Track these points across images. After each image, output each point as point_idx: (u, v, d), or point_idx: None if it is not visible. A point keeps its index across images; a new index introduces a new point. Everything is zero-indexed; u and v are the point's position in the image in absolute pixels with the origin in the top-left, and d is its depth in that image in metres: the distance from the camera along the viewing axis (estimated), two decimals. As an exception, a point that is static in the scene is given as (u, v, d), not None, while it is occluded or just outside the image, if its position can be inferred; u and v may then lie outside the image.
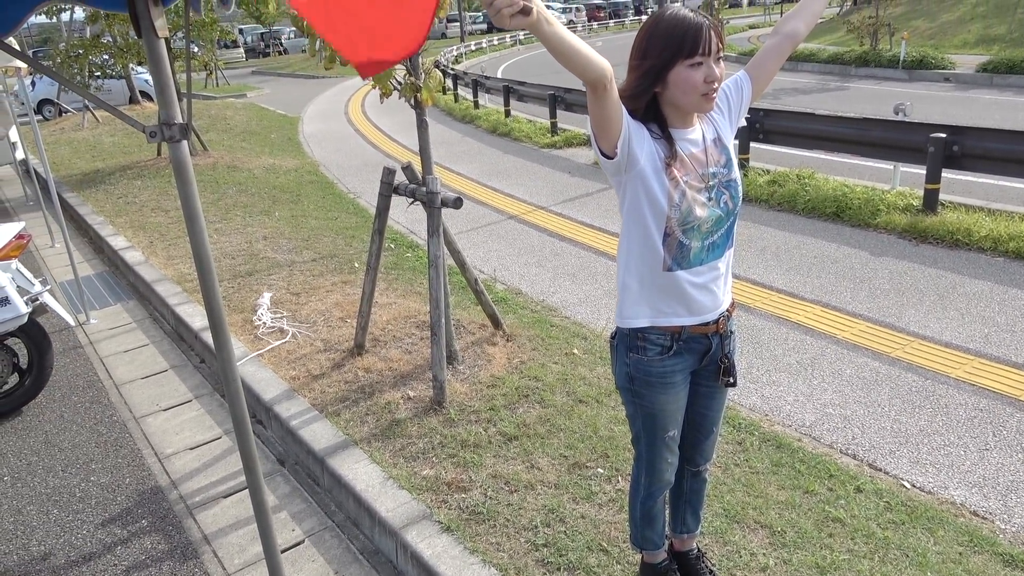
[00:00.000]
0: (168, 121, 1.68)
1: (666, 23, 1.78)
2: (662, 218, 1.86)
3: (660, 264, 1.92)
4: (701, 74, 1.76)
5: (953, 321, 4.61)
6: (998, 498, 3.01)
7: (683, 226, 1.87)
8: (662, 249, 1.90)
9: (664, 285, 1.95)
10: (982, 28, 20.87)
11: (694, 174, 1.88)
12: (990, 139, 6.35)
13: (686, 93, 1.78)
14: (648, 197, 1.85)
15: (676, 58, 1.75)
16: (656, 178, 1.83)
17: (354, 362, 4.15)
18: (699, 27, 1.74)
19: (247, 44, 42.58)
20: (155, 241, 6.88)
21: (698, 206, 1.86)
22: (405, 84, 3.68)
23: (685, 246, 1.90)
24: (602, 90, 1.64)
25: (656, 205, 1.85)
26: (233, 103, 19.10)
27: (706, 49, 1.74)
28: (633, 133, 1.79)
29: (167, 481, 3.48)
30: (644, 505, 2.26)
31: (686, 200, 1.85)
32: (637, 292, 1.98)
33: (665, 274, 1.93)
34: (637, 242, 1.93)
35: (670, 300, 1.97)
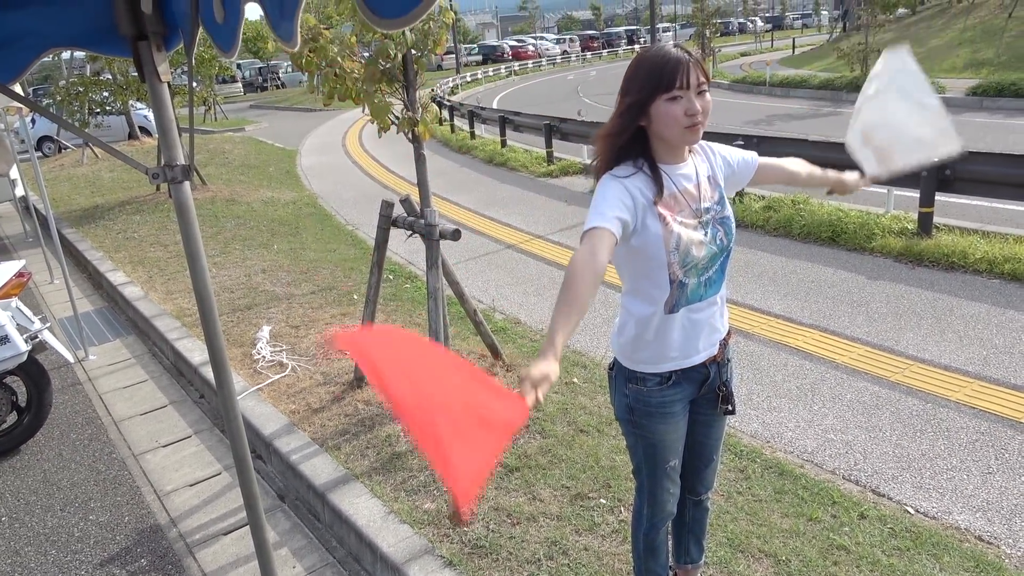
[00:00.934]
0: (171, 163, 1.71)
1: (647, 61, 1.82)
2: (663, 266, 1.86)
3: (663, 307, 1.92)
4: (681, 107, 1.78)
5: (951, 344, 4.62)
6: (1003, 522, 3.00)
7: (683, 267, 1.88)
8: (667, 292, 1.90)
9: (669, 327, 1.94)
10: (970, 52, 21.18)
11: (687, 210, 1.89)
12: (981, 162, 6.42)
13: (668, 126, 1.81)
14: (645, 248, 1.85)
15: (655, 93, 1.78)
16: (651, 224, 1.83)
17: (354, 395, 4.14)
18: (676, 62, 1.77)
19: (245, 79, 43.10)
20: (154, 276, 6.90)
21: (695, 246, 1.87)
22: (402, 118, 3.73)
23: (684, 285, 1.91)
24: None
25: (657, 253, 1.85)
26: (231, 137, 19.28)
27: (683, 83, 1.76)
28: (629, 215, 1.79)
29: (166, 519, 3.46)
30: (647, 536, 2.25)
31: (683, 242, 1.85)
32: (633, 336, 1.98)
33: (667, 318, 1.94)
34: (639, 290, 1.94)
35: (673, 340, 1.96)
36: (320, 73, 3.67)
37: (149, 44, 1.62)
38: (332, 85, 3.66)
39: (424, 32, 3.58)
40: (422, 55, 3.64)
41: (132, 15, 1.60)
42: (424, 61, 3.66)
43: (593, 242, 1.70)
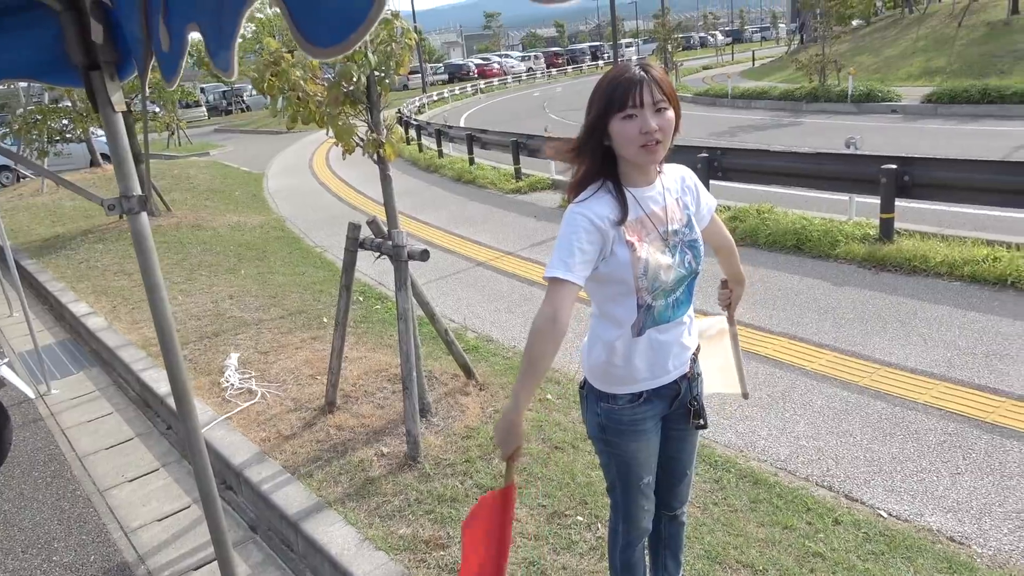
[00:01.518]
0: (127, 193, 1.67)
1: (605, 80, 1.83)
2: (632, 291, 1.87)
3: (631, 332, 1.93)
4: (635, 126, 1.78)
5: (917, 347, 4.70)
6: (973, 522, 3.04)
7: (652, 291, 1.88)
8: (635, 316, 1.90)
9: (637, 350, 1.95)
10: (924, 61, 21.78)
11: (654, 233, 1.89)
12: (938, 168, 6.58)
13: (624, 145, 1.82)
14: (615, 273, 1.86)
15: (611, 112, 1.79)
16: (619, 251, 1.84)
17: (325, 420, 4.09)
18: (631, 80, 1.78)
19: (209, 103, 42.72)
20: (118, 306, 6.76)
21: (663, 270, 1.88)
22: (367, 140, 3.71)
23: (652, 307, 1.91)
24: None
25: (625, 278, 1.86)
26: (196, 162, 19.07)
27: (637, 101, 1.77)
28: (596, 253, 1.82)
29: (134, 556, 3.37)
30: (623, 555, 2.24)
31: (651, 266, 1.86)
32: (603, 360, 1.98)
33: (635, 340, 1.94)
34: (610, 316, 1.94)
35: (644, 362, 1.96)
36: (283, 97, 3.65)
37: (101, 74, 1.59)
38: (295, 108, 3.63)
39: (387, 54, 3.58)
40: (385, 76, 3.63)
41: (83, 45, 1.57)
42: (387, 83, 3.66)
43: (556, 301, 1.78)
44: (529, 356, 1.79)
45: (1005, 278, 5.55)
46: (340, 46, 1.09)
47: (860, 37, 28.10)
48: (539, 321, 1.78)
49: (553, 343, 1.78)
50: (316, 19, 1.10)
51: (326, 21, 1.08)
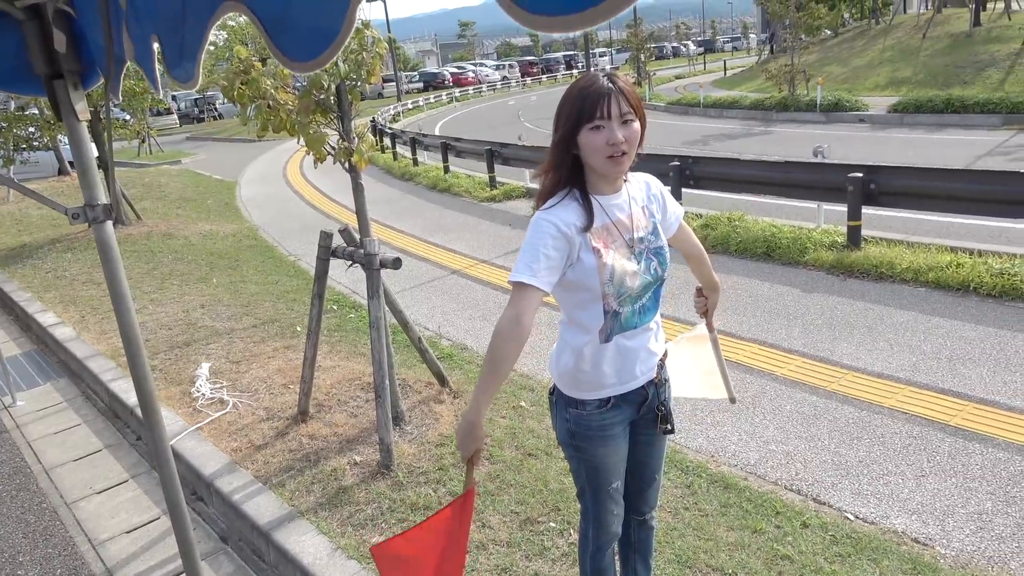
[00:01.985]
0: (91, 202, 1.66)
1: (573, 92, 1.85)
2: (598, 297, 1.90)
3: (598, 338, 1.95)
4: (602, 137, 1.82)
5: (883, 352, 4.79)
6: (936, 523, 3.10)
7: (618, 297, 1.91)
8: (601, 322, 1.93)
9: (605, 356, 1.97)
10: (891, 71, 22.24)
11: (620, 240, 1.92)
12: (903, 176, 6.73)
13: (591, 155, 1.85)
14: (581, 279, 1.89)
15: (580, 123, 1.82)
16: (585, 258, 1.87)
17: (298, 429, 4.06)
18: (599, 92, 1.81)
19: (181, 110, 42.29)
20: (87, 315, 6.66)
21: (628, 276, 1.91)
22: (339, 149, 3.71)
23: (619, 314, 1.94)
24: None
25: (591, 284, 1.88)
26: (167, 170, 18.86)
27: (605, 113, 1.80)
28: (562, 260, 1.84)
29: (102, 569, 3.31)
30: (594, 559, 2.26)
31: (616, 273, 1.89)
32: (572, 365, 2.00)
33: (603, 347, 1.96)
34: (577, 324, 1.97)
35: (612, 367, 1.99)
36: (253, 105, 3.64)
37: (65, 83, 1.58)
38: (266, 117, 3.62)
39: (358, 62, 3.59)
40: (356, 85, 3.64)
41: (46, 54, 1.56)
42: (358, 91, 3.66)
43: (520, 305, 1.79)
44: (491, 358, 1.80)
45: (968, 284, 5.68)
46: (315, 61, 1.12)
47: (828, 48, 28.62)
48: (502, 323, 1.79)
49: (516, 345, 1.79)
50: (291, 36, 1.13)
51: (301, 38, 1.11)
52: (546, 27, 0.91)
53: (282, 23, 1.12)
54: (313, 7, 1.07)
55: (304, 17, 1.09)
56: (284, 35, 1.13)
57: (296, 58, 1.14)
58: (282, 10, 1.11)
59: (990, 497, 3.24)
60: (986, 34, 21.64)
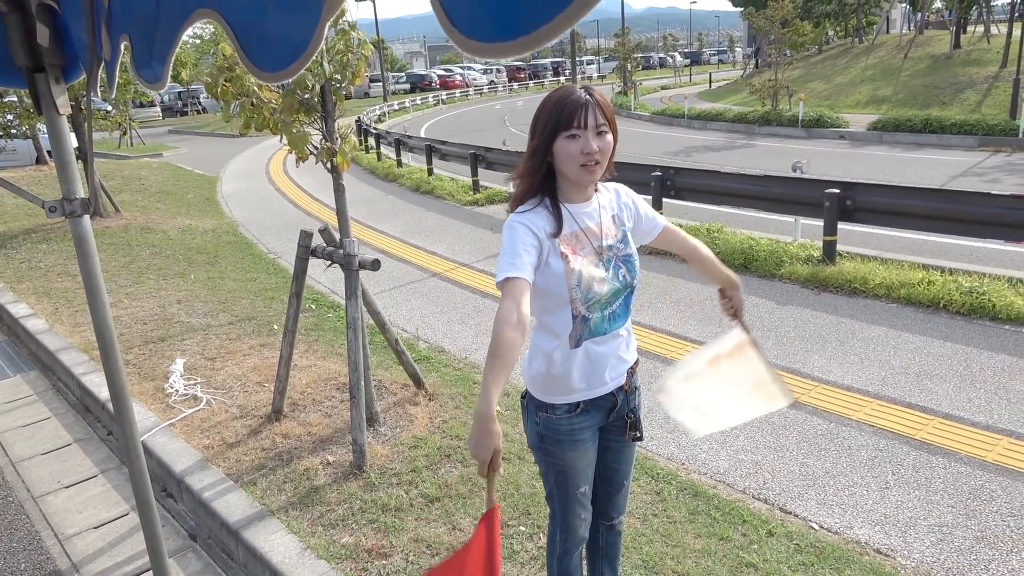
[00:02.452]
0: (69, 196, 1.67)
1: (549, 101, 1.91)
2: (566, 302, 1.94)
3: (568, 343, 1.99)
4: (577, 146, 1.87)
5: (853, 366, 4.87)
6: (899, 535, 3.17)
7: (586, 303, 1.95)
8: (570, 327, 1.97)
9: (574, 360, 2.01)
10: (872, 90, 22.60)
11: (589, 247, 1.97)
12: (878, 194, 6.84)
13: (566, 163, 1.90)
14: (549, 284, 1.92)
15: (556, 131, 1.87)
16: (553, 263, 1.91)
17: (272, 428, 4.05)
18: (576, 102, 1.86)
19: (164, 103, 41.89)
20: (60, 308, 6.59)
21: (596, 282, 1.95)
22: (321, 149, 3.72)
23: (588, 320, 1.98)
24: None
25: (559, 290, 1.92)
26: (148, 163, 18.67)
27: (581, 123, 1.85)
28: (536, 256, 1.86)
29: (68, 564, 3.29)
30: (561, 562, 2.29)
31: (584, 278, 1.93)
32: (542, 371, 2.03)
33: (572, 351, 2.00)
34: (547, 328, 2.01)
35: (582, 372, 2.02)
36: (237, 102, 3.64)
37: (47, 76, 1.59)
38: (249, 115, 3.63)
39: (343, 64, 3.60)
40: (340, 86, 3.65)
41: (28, 47, 1.57)
42: (342, 92, 3.68)
43: (514, 296, 1.77)
44: (496, 348, 1.69)
45: (938, 301, 5.79)
46: (282, 72, 1.14)
47: (812, 64, 29.01)
48: (501, 313, 1.74)
49: (520, 332, 1.72)
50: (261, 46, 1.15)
51: (270, 48, 1.14)
52: (479, 52, 0.94)
53: (253, 33, 1.15)
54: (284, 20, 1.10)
55: (275, 28, 1.12)
56: (254, 45, 1.15)
57: (264, 68, 1.17)
58: (254, 20, 1.14)
59: (951, 510, 3.31)
60: (966, 56, 22.07)
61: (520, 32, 0.87)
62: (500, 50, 0.90)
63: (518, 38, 0.88)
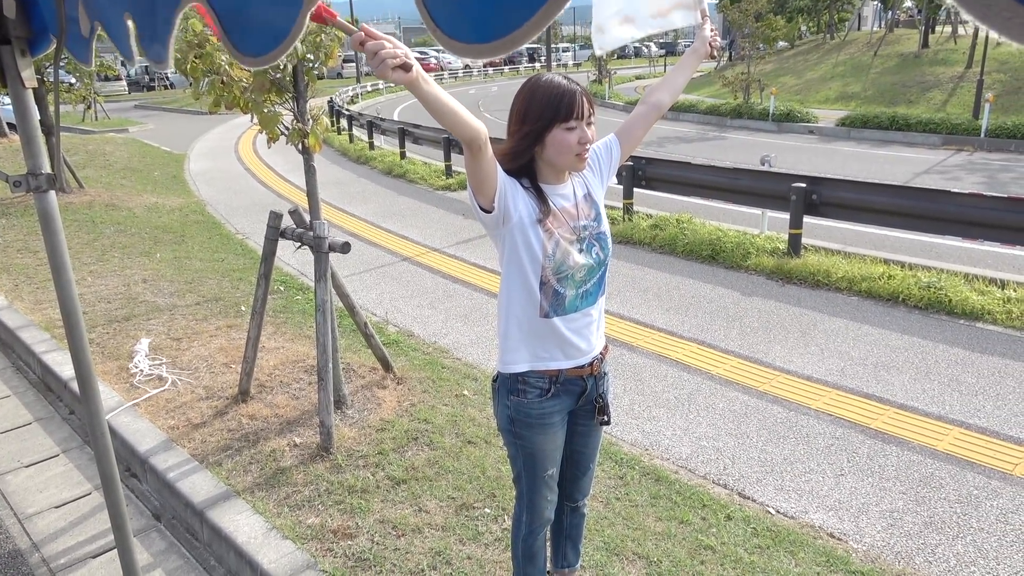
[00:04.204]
0: (35, 171, 1.65)
1: (543, 89, 1.92)
2: (538, 267, 1.97)
3: (537, 311, 2.02)
4: (575, 137, 1.91)
5: (814, 356, 4.99)
6: (851, 520, 3.27)
7: (558, 275, 1.98)
8: (539, 296, 2.00)
9: (541, 331, 2.05)
10: (841, 86, 22.92)
11: (566, 227, 2.01)
12: (844, 189, 6.98)
13: (561, 154, 1.93)
14: (525, 248, 1.96)
15: (553, 122, 1.89)
16: (532, 230, 1.95)
17: (238, 409, 4.04)
18: (573, 94, 1.89)
19: (130, 77, 40.90)
20: (21, 284, 6.45)
21: (571, 257, 1.99)
22: (292, 130, 3.69)
23: (560, 294, 2.01)
24: (477, 150, 1.74)
25: (532, 255, 1.96)
26: (114, 138, 18.25)
27: (580, 114, 1.90)
28: (508, 189, 1.91)
29: (28, 543, 3.25)
30: (525, 543, 2.33)
31: (559, 250, 1.97)
32: (517, 339, 2.07)
33: (542, 320, 2.04)
34: (516, 291, 2.03)
35: (547, 345, 2.07)
36: (206, 80, 3.59)
37: (12, 48, 1.57)
38: (219, 92, 3.58)
39: (316, 44, 3.57)
40: (313, 67, 3.62)
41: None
42: (315, 73, 3.65)
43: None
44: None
45: (897, 295, 5.95)
46: (264, 58, 1.15)
47: (784, 59, 29.31)
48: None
49: (472, 120, 1.67)
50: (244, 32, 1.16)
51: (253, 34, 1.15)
52: (459, 51, 0.98)
53: (237, 18, 1.16)
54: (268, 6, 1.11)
55: (259, 15, 1.13)
56: (238, 30, 1.16)
57: (247, 52, 1.18)
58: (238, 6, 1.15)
59: (902, 496, 3.43)
60: (933, 56, 22.48)
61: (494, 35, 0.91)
62: (477, 51, 0.95)
63: (492, 41, 0.93)
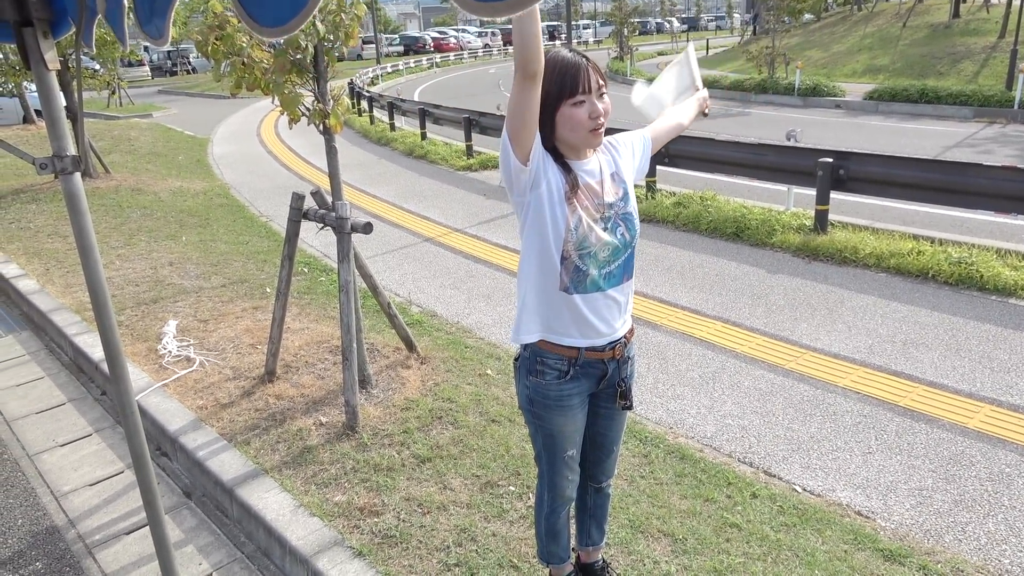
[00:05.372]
0: (60, 153, 1.66)
1: (547, 67, 1.85)
2: (560, 240, 1.93)
3: (557, 283, 1.98)
4: (585, 111, 1.85)
5: (841, 334, 4.93)
6: (879, 498, 3.24)
7: (579, 251, 1.94)
8: (559, 269, 1.96)
9: (558, 304, 2.00)
10: (869, 59, 22.40)
11: (591, 203, 1.96)
12: (872, 163, 6.85)
13: (574, 130, 1.88)
14: (550, 219, 1.92)
15: (560, 99, 1.84)
16: (558, 202, 1.91)
17: (264, 389, 4.09)
18: (577, 67, 1.84)
19: (153, 62, 41.18)
20: (51, 268, 6.57)
21: (594, 234, 1.94)
22: (313, 110, 3.69)
23: (582, 271, 1.96)
24: (532, 76, 1.68)
25: (556, 227, 1.92)
26: (138, 123, 18.44)
27: (586, 87, 1.84)
28: (542, 153, 1.88)
29: (64, 520, 3.33)
30: (548, 521, 2.34)
31: (582, 226, 1.92)
32: (533, 308, 2.03)
33: (561, 294, 1.99)
34: (536, 260, 1.99)
35: (563, 320, 2.02)
36: (227, 61, 3.59)
37: (35, 31, 1.57)
38: (240, 74, 3.58)
39: (335, 24, 3.55)
40: (333, 47, 3.61)
41: (16, 1, 1.55)
42: (335, 53, 3.64)
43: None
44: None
45: (927, 271, 5.84)
46: (282, 28, 1.14)
47: (810, 32, 28.70)
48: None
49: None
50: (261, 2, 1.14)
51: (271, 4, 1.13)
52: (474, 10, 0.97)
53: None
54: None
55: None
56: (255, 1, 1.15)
57: (264, 23, 1.16)
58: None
59: (931, 474, 3.39)
60: (964, 26, 21.86)
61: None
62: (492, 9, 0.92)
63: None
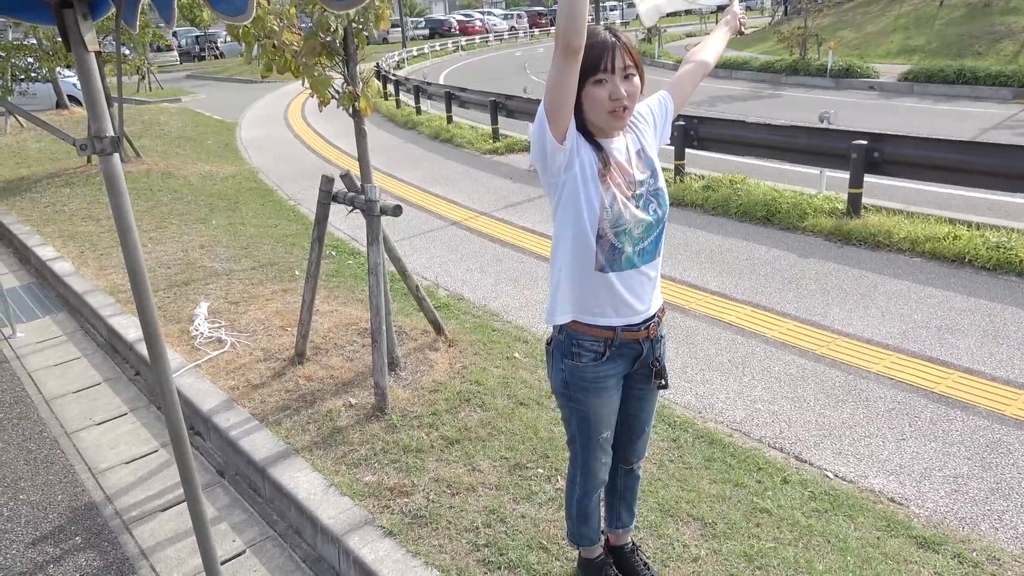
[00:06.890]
0: (99, 134, 1.68)
1: None
2: (595, 219, 1.92)
3: (592, 263, 1.97)
4: (605, 91, 1.83)
5: (874, 319, 4.85)
6: (913, 484, 3.20)
7: (615, 228, 1.92)
8: (595, 248, 1.95)
9: (594, 284, 2.00)
10: (903, 39, 21.86)
11: (623, 181, 1.95)
12: (907, 146, 6.70)
13: (594, 110, 1.86)
14: (585, 199, 1.91)
15: (585, 77, 1.82)
16: (593, 181, 1.90)
17: (295, 371, 4.13)
18: (602, 45, 1.82)
19: (182, 47, 41.50)
20: (86, 251, 6.68)
21: (628, 211, 1.93)
22: (343, 93, 3.69)
23: (618, 249, 1.95)
24: (574, 52, 1.69)
25: (590, 206, 1.91)
26: (167, 108, 18.63)
27: (608, 66, 1.81)
28: (576, 133, 1.87)
29: (102, 496, 3.41)
30: (580, 503, 2.34)
31: (616, 204, 1.91)
32: (567, 289, 2.03)
33: (596, 274, 1.98)
34: (571, 241, 1.97)
35: (599, 300, 2.01)
36: (258, 44, 3.60)
37: (75, 12, 1.59)
38: (270, 57, 3.59)
39: (365, 6, 3.55)
40: (363, 29, 3.60)
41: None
42: (365, 35, 3.63)
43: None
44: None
45: (963, 256, 5.72)
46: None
47: (843, 12, 28.07)
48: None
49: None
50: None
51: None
52: None
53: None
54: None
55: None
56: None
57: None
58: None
59: (967, 462, 3.34)
60: (1004, 4, 21.22)
61: None
62: None
63: None
